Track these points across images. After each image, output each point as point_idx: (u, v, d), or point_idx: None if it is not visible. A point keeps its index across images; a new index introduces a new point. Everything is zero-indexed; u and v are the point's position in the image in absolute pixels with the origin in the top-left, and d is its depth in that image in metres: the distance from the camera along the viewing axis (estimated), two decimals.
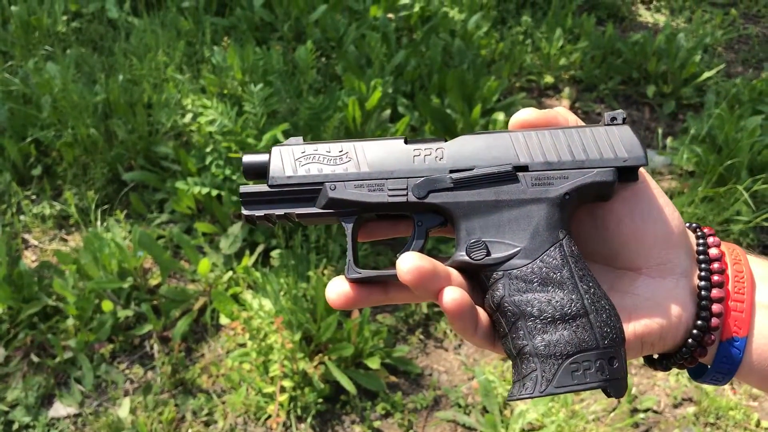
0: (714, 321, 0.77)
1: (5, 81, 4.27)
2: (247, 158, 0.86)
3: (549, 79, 5.06)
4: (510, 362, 3.11)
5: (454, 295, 0.72)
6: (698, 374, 0.84)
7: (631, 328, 0.77)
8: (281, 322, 2.88)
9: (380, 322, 3.28)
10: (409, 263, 0.73)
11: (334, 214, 0.83)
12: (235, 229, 3.49)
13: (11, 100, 4.09)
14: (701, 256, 0.80)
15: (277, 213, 0.83)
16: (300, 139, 0.86)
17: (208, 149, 3.52)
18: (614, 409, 2.94)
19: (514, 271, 0.76)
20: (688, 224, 0.84)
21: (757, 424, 2.90)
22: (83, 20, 5.09)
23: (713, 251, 0.80)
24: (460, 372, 3.16)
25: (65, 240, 3.69)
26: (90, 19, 5.10)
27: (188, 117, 3.96)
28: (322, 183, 0.82)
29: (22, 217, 3.73)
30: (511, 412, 2.93)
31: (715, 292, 0.77)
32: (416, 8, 5.15)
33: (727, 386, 3.07)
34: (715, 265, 0.79)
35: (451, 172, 0.80)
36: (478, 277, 0.79)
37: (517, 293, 0.75)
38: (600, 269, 0.82)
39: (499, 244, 0.77)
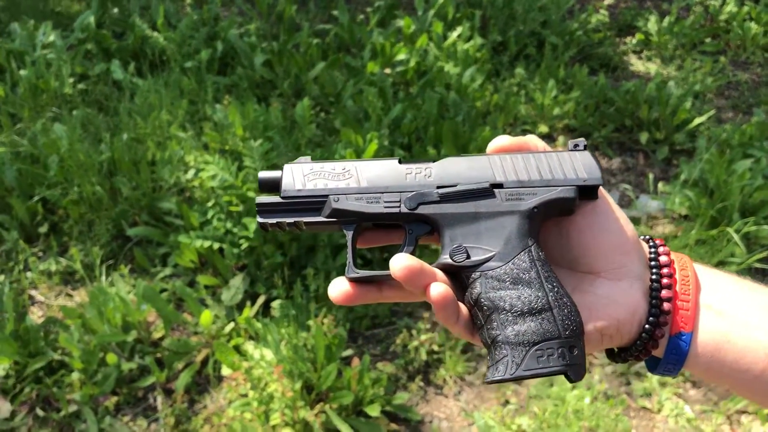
0: (663, 318, 0.87)
1: (14, 142, 4.41)
2: (263, 174, 0.98)
3: (543, 128, 5.17)
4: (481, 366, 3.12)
5: (439, 289, 0.84)
6: (653, 366, 0.94)
7: (593, 323, 0.87)
8: (281, 371, 2.92)
9: (380, 370, 3.31)
10: (401, 262, 0.84)
11: (337, 222, 0.94)
12: (237, 281, 3.56)
13: (19, 161, 4.22)
14: (653, 262, 0.91)
15: (287, 221, 0.94)
16: (308, 158, 0.98)
17: (210, 203, 3.62)
18: None
19: (490, 272, 0.87)
20: (642, 237, 0.96)
21: None
22: (89, 82, 5.26)
23: (663, 258, 0.91)
24: (459, 418, 3.18)
25: (71, 295, 3.76)
26: (95, 81, 5.27)
27: (191, 173, 4.07)
28: (327, 196, 0.94)
29: (28, 274, 3.81)
30: None
31: (664, 293, 0.88)
32: (412, 63, 5.31)
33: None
34: (665, 270, 0.90)
35: (438, 187, 0.92)
36: (459, 277, 0.90)
37: (492, 290, 0.86)
38: (565, 273, 0.93)
39: (478, 249, 0.89)
